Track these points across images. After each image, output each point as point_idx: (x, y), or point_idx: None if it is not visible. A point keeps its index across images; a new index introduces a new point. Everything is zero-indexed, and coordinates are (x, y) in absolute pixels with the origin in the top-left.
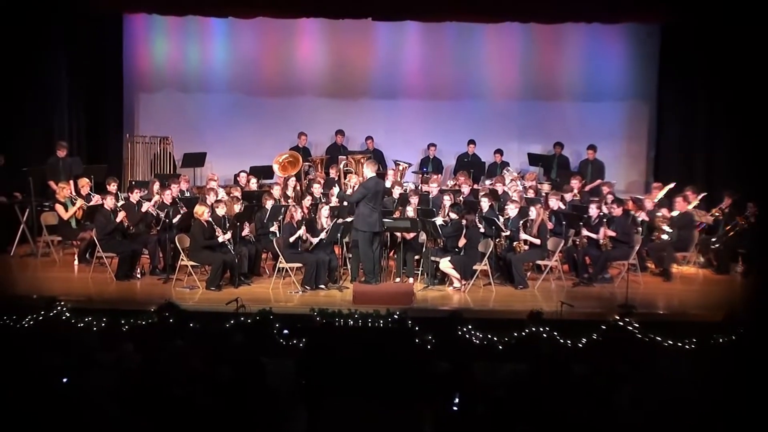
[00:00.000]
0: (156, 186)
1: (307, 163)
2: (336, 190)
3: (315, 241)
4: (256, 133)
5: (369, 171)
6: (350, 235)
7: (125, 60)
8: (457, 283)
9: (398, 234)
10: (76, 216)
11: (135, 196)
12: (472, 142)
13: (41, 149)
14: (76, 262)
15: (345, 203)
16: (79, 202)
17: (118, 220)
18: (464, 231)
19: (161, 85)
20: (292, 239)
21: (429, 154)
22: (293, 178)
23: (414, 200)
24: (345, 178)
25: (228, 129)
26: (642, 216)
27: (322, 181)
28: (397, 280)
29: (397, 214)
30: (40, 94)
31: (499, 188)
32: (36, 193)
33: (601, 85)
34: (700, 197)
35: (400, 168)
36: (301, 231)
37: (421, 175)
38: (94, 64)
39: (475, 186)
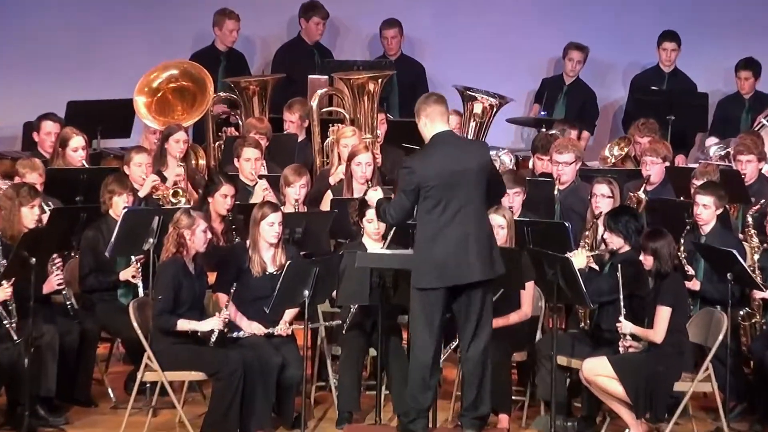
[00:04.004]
0: None
1: (225, 97)
2: (297, 186)
3: (249, 331)
4: (83, 8)
5: (431, 123)
6: (339, 295)
7: None
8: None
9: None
10: None
11: None
12: (669, 36)
13: None
14: None
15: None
16: None
17: None
18: (650, 287)
19: None
20: (186, 327)
21: (566, 69)
22: (181, 135)
23: (515, 198)
24: (324, 142)
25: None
26: None
27: (264, 143)
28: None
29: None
30: None
31: (748, 166)
32: None
33: None
34: None
35: (478, 109)
36: (215, 323)
37: (538, 130)
38: None
39: (682, 162)
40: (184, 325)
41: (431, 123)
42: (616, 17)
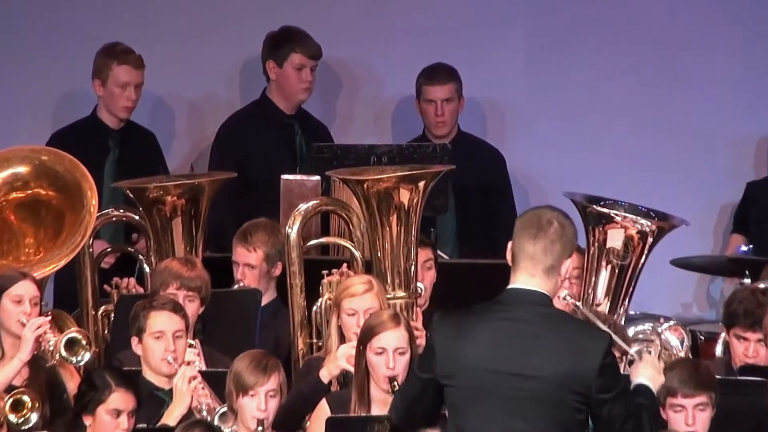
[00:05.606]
0: None
1: (119, 218)
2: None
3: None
4: None
5: (512, 267)
6: None
7: None
8: None
9: None
10: None
11: None
12: None
13: None
14: None
15: None
16: None
17: None
18: None
19: None
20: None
21: None
22: (28, 289)
23: (695, 413)
24: (312, 305)
25: None
26: None
27: (195, 308)
28: None
29: None
30: None
31: None
32: None
33: None
34: None
35: (617, 240)
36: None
37: (739, 283)
38: None
39: None
40: None
41: (513, 266)
42: None
